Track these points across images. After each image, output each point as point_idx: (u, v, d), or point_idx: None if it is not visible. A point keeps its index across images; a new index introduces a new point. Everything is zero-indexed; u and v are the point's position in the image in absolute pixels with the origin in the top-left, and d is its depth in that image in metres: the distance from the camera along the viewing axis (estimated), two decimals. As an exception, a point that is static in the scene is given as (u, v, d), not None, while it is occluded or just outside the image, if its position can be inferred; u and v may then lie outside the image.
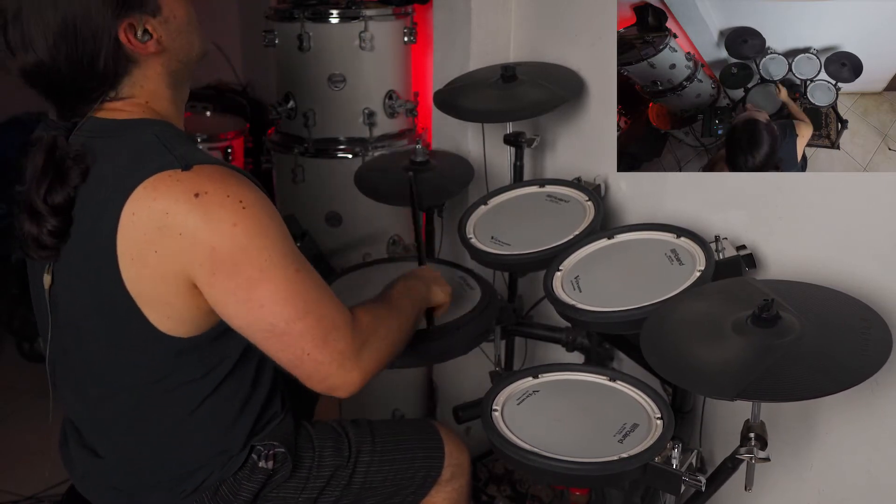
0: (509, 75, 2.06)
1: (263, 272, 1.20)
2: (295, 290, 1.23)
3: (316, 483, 1.46)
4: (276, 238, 1.22)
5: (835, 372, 1.23)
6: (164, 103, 1.32)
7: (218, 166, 1.23)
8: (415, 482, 1.54)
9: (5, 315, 3.25)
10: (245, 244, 1.19)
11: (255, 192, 1.22)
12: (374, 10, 2.63)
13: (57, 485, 2.37)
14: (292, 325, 1.23)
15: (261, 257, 1.20)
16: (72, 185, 1.23)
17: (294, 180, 2.73)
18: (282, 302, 1.22)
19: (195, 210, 1.17)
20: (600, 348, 1.94)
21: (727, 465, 1.40)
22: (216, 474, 1.37)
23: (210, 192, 1.18)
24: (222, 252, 1.18)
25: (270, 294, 1.21)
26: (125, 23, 1.23)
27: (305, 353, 1.25)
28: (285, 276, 1.22)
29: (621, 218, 2.01)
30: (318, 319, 1.25)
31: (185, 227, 1.18)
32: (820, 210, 1.58)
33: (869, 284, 1.47)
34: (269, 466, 1.40)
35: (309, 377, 1.28)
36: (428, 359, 1.80)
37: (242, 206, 1.19)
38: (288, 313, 1.23)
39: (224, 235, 1.18)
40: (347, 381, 1.29)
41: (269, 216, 1.22)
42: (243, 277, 1.20)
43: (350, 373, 1.29)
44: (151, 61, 1.28)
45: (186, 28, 1.31)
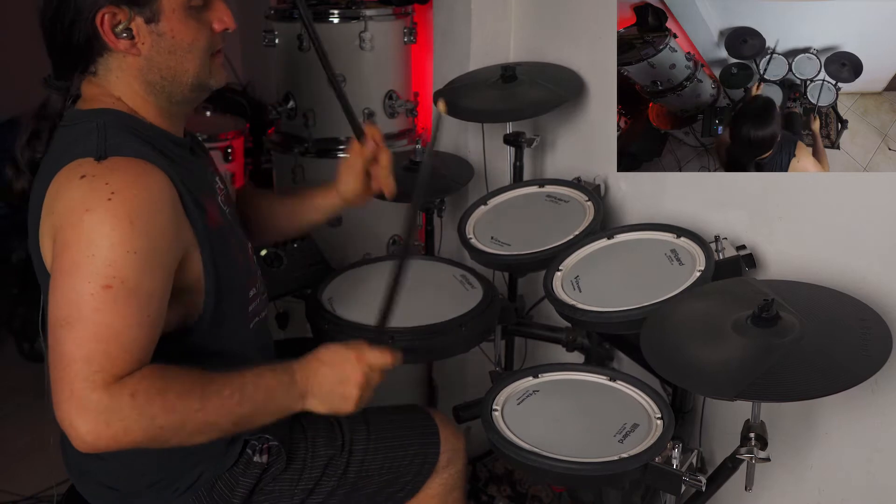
0: (509, 75, 2.06)
1: (75, 266, 1.12)
2: (82, 303, 1.11)
3: (311, 473, 1.46)
4: (113, 244, 1.12)
5: (835, 372, 1.23)
6: (141, 103, 1.30)
7: (137, 161, 1.19)
8: (412, 469, 1.54)
9: (5, 315, 3.25)
10: (82, 232, 1.12)
11: (143, 195, 1.16)
12: (374, 10, 2.63)
13: (57, 485, 2.37)
14: (58, 331, 1.11)
15: (85, 250, 1.11)
16: (39, 148, 1.28)
17: (294, 180, 2.73)
18: (64, 303, 1.11)
19: (70, 190, 1.16)
20: (600, 348, 1.94)
21: (727, 465, 1.41)
22: (211, 471, 1.37)
23: (96, 175, 1.15)
24: (65, 231, 1.14)
25: (64, 288, 1.12)
26: (108, 9, 1.22)
27: (54, 367, 1.11)
28: (87, 282, 1.11)
29: (621, 218, 2.01)
30: (81, 346, 1.10)
31: (57, 207, 1.17)
32: (820, 210, 1.58)
33: (869, 284, 1.47)
34: (263, 460, 1.40)
35: (51, 391, 1.12)
36: (429, 355, 1.80)
37: (108, 199, 1.13)
38: (60, 315, 1.11)
39: (73, 217, 1.13)
40: (73, 426, 1.09)
41: (129, 221, 1.13)
42: (62, 262, 1.13)
43: (80, 421, 1.08)
44: (125, 59, 1.27)
45: (185, 51, 1.28)
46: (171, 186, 1.21)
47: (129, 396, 1.10)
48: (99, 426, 1.09)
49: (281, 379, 1.26)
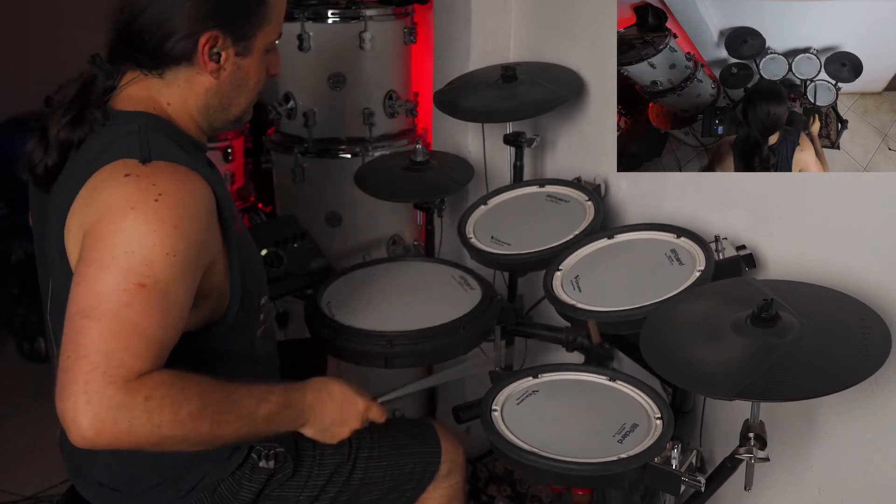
0: (509, 75, 2.06)
1: (112, 259, 1.10)
2: (113, 297, 1.09)
3: (317, 481, 1.46)
4: (155, 244, 1.12)
5: (834, 372, 1.23)
6: (186, 117, 1.32)
7: (181, 167, 1.20)
8: (413, 478, 1.54)
9: (5, 315, 3.25)
10: (123, 228, 1.12)
11: (188, 201, 1.16)
12: (374, 10, 2.64)
13: (57, 485, 2.37)
14: (80, 320, 1.09)
15: (124, 247, 1.11)
16: (81, 131, 1.25)
17: (294, 180, 2.73)
18: (91, 291, 1.10)
19: (115, 187, 1.16)
20: (600, 348, 1.94)
21: (727, 465, 1.41)
22: (213, 473, 1.37)
23: (141, 175, 1.16)
24: (102, 222, 1.13)
25: (95, 279, 1.10)
26: (214, 33, 1.26)
27: (67, 352, 1.08)
28: (122, 278, 1.10)
29: (621, 218, 2.01)
30: (103, 339, 1.07)
31: (96, 200, 1.16)
32: (820, 210, 1.58)
33: (869, 284, 1.47)
34: (270, 466, 1.40)
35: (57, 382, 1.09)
36: (427, 359, 1.80)
37: (155, 199, 1.13)
38: (85, 305, 1.09)
39: (116, 211, 1.13)
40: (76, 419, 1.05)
41: (173, 225, 1.13)
42: (92, 254, 1.12)
43: (85, 414, 1.05)
44: (199, 77, 1.29)
45: (247, 89, 1.34)
46: (211, 194, 1.22)
47: (144, 399, 1.07)
48: (105, 422, 1.06)
49: (290, 409, 1.28)
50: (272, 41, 1.35)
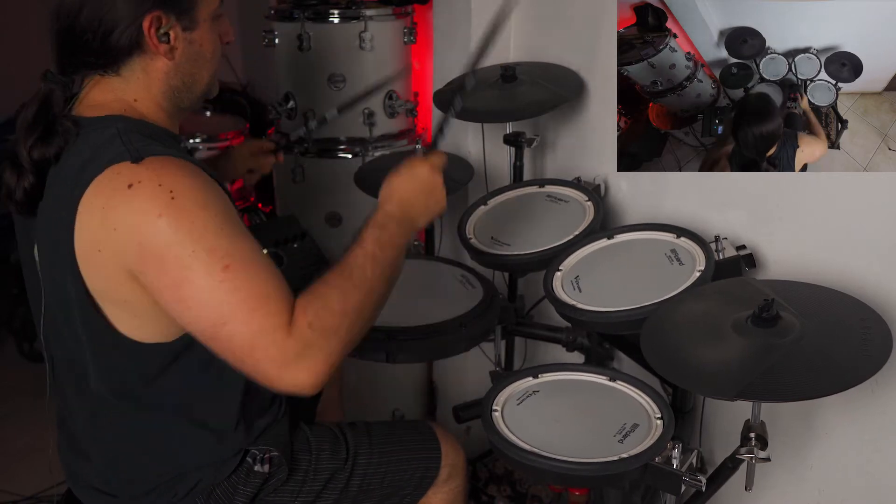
0: (509, 75, 2.06)
1: (187, 270, 1.14)
2: (219, 293, 1.15)
3: (313, 486, 1.45)
4: (205, 232, 1.15)
5: (835, 372, 1.23)
6: (154, 108, 1.31)
7: (169, 157, 1.20)
8: (412, 483, 1.54)
9: (5, 315, 3.25)
10: (169, 238, 1.14)
11: (194, 183, 1.18)
12: (374, 10, 2.63)
13: (57, 485, 2.36)
14: (218, 329, 1.16)
15: (185, 252, 1.14)
16: (55, 145, 1.24)
17: (294, 180, 2.73)
18: (204, 305, 1.15)
19: (126, 202, 1.15)
20: (600, 348, 1.94)
21: (727, 465, 1.40)
22: (209, 477, 1.37)
23: (143, 181, 1.15)
24: (149, 246, 1.15)
25: (194, 295, 1.15)
26: (156, 13, 1.24)
27: (238, 359, 1.17)
28: (210, 275, 1.14)
29: (621, 218, 2.01)
30: (245, 324, 1.15)
31: (118, 222, 1.16)
32: (820, 210, 1.58)
33: (869, 284, 1.47)
34: (264, 470, 1.39)
35: (255, 379, 1.20)
36: (429, 355, 1.80)
37: (171, 197, 1.14)
38: (212, 317, 1.16)
39: (150, 228, 1.14)
40: (296, 384, 1.17)
41: (202, 208, 1.16)
42: (170, 276, 1.15)
43: (296, 376, 1.17)
44: (158, 63, 1.28)
45: (205, 61, 1.33)
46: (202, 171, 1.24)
47: (308, 328, 1.17)
48: (314, 365, 1.17)
49: (386, 227, 1.34)
50: (215, 8, 1.33)
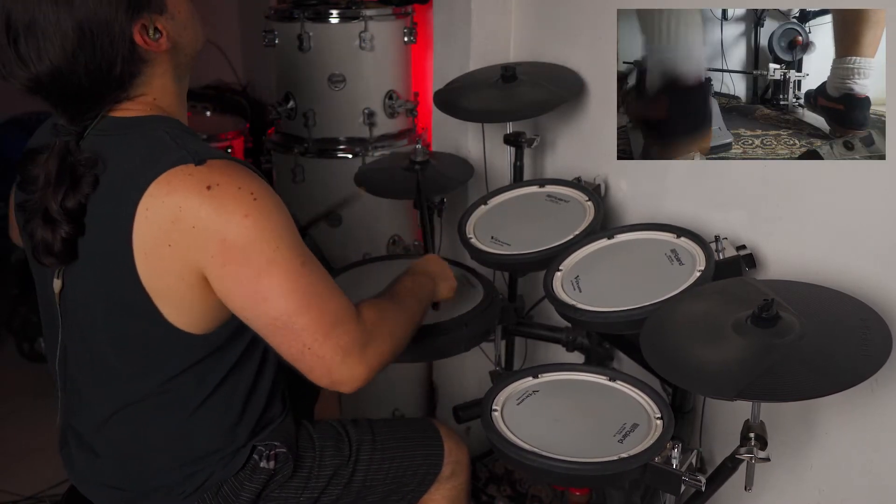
0: (509, 75, 2.06)
1: (271, 264, 1.21)
2: (299, 284, 1.24)
3: (317, 483, 1.46)
4: (284, 231, 1.23)
5: (835, 372, 1.23)
6: (170, 98, 1.32)
7: (228, 161, 1.25)
8: (415, 479, 1.54)
9: (5, 315, 3.25)
10: (255, 235, 1.20)
11: (264, 185, 1.24)
12: (374, 10, 2.64)
13: (57, 485, 2.37)
14: (294, 319, 1.23)
15: (269, 248, 1.21)
16: (84, 191, 1.24)
17: (294, 180, 2.74)
18: (285, 295, 1.23)
19: (207, 202, 1.19)
20: (600, 348, 1.94)
21: (727, 465, 1.40)
22: (217, 474, 1.38)
23: (222, 184, 1.19)
24: (233, 242, 1.19)
25: (275, 287, 1.22)
26: (139, 24, 1.23)
27: (307, 347, 1.25)
28: (291, 269, 1.23)
29: (621, 218, 2.01)
30: (321, 314, 1.25)
31: (197, 220, 1.19)
32: (820, 210, 1.58)
33: (869, 284, 1.47)
34: (270, 466, 1.40)
35: (311, 371, 1.28)
36: (429, 355, 1.80)
37: (253, 198, 1.20)
38: (291, 307, 1.23)
39: (235, 226, 1.19)
40: (352, 375, 1.28)
41: (278, 209, 1.24)
42: (251, 268, 1.21)
43: (354, 368, 1.28)
44: (162, 58, 1.29)
45: (190, 21, 1.33)
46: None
47: (373, 323, 1.33)
48: (372, 358, 1.30)
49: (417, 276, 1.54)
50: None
